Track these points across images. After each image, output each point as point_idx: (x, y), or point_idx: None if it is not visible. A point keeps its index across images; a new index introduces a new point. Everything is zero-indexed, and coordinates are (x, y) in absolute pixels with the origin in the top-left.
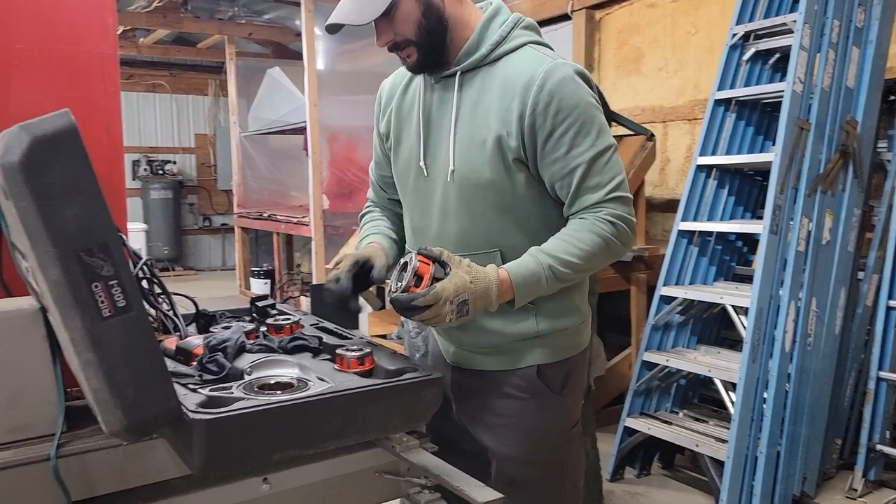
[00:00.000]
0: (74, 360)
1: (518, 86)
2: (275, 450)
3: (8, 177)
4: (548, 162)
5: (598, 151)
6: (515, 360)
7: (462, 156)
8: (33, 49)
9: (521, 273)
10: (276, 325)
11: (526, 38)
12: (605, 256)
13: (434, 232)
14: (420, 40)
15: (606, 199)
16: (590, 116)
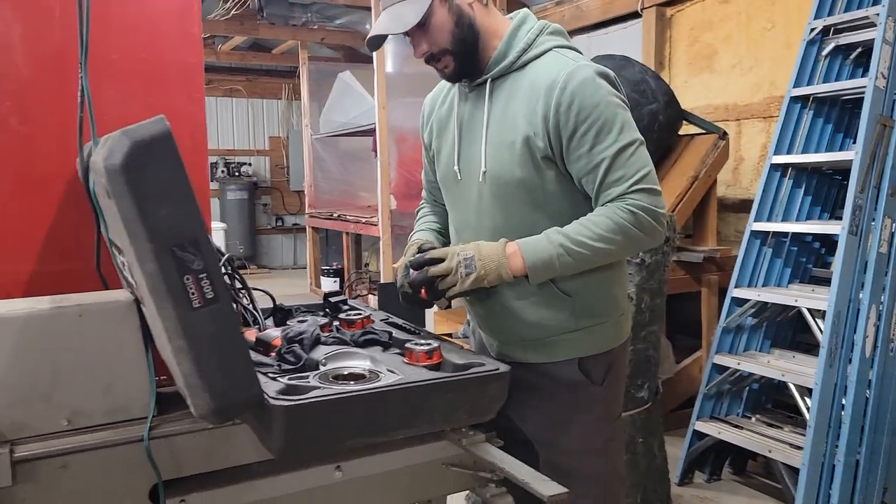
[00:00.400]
0: (167, 348)
1: (542, 88)
2: (348, 436)
3: (111, 178)
4: (573, 159)
5: (621, 146)
6: (556, 352)
7: (493, 157)
8: (126, 59)
9: (532, 246)
10: (348, 320)
11: (551, 44)
12: (624, 242)
13: (472, 230)
14: (455, 49)
15: (630, 191)
16: (611, 114)
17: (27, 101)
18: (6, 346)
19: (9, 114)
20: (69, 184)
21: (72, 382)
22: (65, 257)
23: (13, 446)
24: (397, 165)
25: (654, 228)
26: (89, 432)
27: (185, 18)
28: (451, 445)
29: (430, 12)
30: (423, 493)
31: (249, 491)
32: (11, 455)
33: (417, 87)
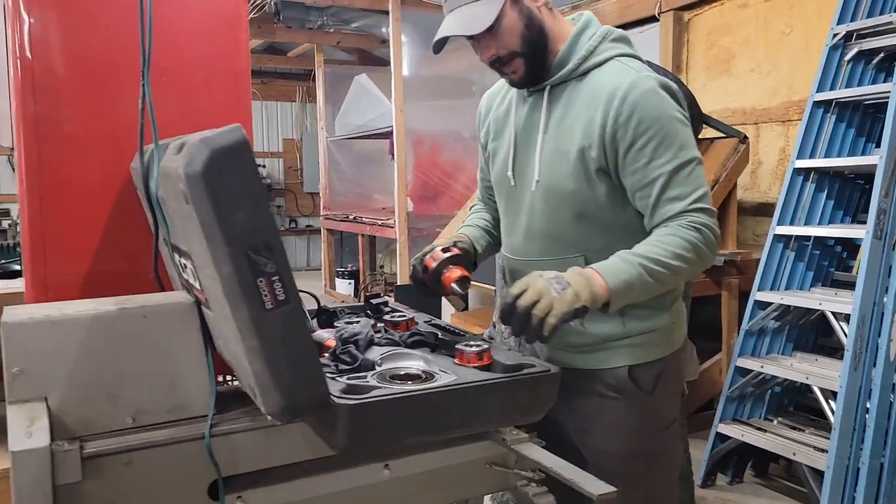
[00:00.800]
0: (239, 347)
1: (602, 98)
2: (407, 434)
3: (191, 184)
4: (628, 172)
5: (679, 163)
6: (606, 359)
7: (547, 166)
8: (177, 66)
9: (611, 269)
10: (393, 322)
11: (614, 52)
12: (695, 262)
13: (521, 237)
14: (525, 51)
15: (689, 210)
16: (672, 129)
17: (82, 107)
18: (75, 346)
19: (65, 120)
20: (122, 188)
21: (136, 381)
22: (117, 259)
23: (82, 443)
24: (414, 168)
25: (715, 248)
26: (153, 430)
27: (234, 26)
28: (494, 445)
29: (500, 15)
30: (465, 492)
31: (301, 488)
32: (81, 451)
33: (434, 91)
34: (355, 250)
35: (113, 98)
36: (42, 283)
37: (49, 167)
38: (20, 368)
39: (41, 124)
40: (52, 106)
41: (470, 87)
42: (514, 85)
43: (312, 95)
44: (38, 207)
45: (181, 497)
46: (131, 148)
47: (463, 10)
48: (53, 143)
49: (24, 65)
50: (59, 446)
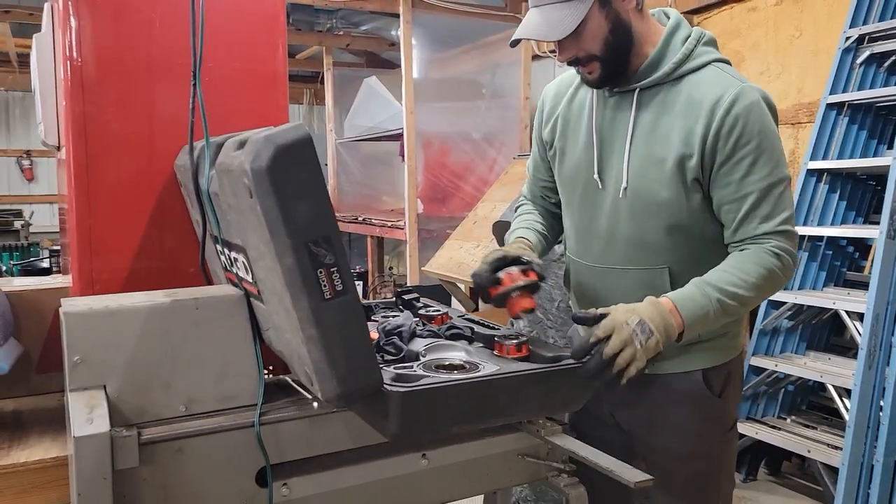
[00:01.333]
0: (297, 336)
1: (704, 106)
2: (455, 421)
3: (256, 179)
4: (720, 184)
5: (773, 181)
6: (679, 364)
7: (637, 173)
8: (221, 68)
9: (689, 302)
10: (428, 316)
11: (710, 57)
12: (769, 289)
13: (602, 243)
14: (605, 56)
15: (775, 232)
16: (771, 145)
17: (125, 107)
18: (132, 336)
19: (111, 119)
20: (163, 186)
21: (188, 370)
22: (157, 256)
23: (139, 429)
24: (424, 169)
25: (792, 273)
26: (203, 418)
27: (273, 30)
28: (526, 436)
29: (586, 18)
30: (499, 482)
31: (344, 476)
32: (139, 437)
33: (443, 93)
34: (364, 252)
35: (153, 98)
36: (88, 278)
37: (95, 165)
38: (81, 357)
39: (88, 123)
40: (97, 105)
41: (480, 89)
42: (588, 84)
43: (320, 98)
44: (84, 204)
45: (230, 483)
46: (169, 147)
47: (547, 9)
48: (99, 142)
49: (72, 66)
50: (118, 432)
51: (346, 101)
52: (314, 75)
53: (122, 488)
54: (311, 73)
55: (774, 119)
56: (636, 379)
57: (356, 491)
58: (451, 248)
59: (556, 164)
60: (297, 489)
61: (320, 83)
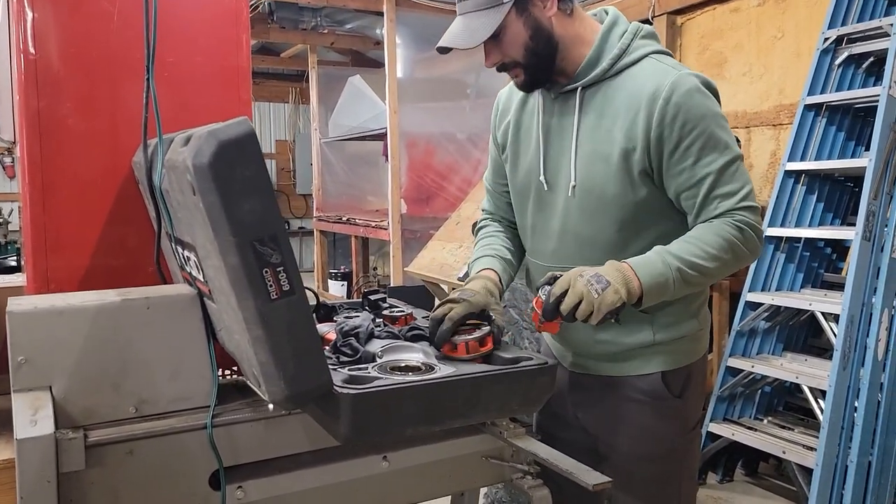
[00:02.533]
0: (244, 337)
1: (644, 98)
2: (409, 424)
3: (199, 175)
4: (674, 173)
5: (726, 161)
6: (638, 367)
7: (584, 171)
8: (182, 62)
9: (647, 267)
10: (392, 317)
11: (647, 49)
12: (732, 262)
13: (555, 242)
14: (527, 62)
15: (737, 208)
16: (718, 127)
17: (83, 102)
18: (80, 336)
19: (66, 115)
20: (121, 183)
21: (139, 371)
22: (116, 254)
23: (86, 431)
24: (408, 170)
25: (757, 247)
26: (155, 419)
27: (237, 24)
28: (491, 438)
29: (504, 25)
30: (462, 485)
31: (301, 479)
32: (85, 440)
33: (428, 93)
34: (348, 252)
35: (113, 94)
36: (43, 277)
37: (51, 162)
38: (25, 357)
39: (43, 119)
40: (53, 101)
41: (465, 90)
42: (519, 88)
43: (305, 97)
44: (39, 201)
45: (182, 486)
46: (130, 143)
47: (467, 18)
48: (55, 138)
49: (26, 59)
50: (63, 434)
51: (331, 100)
52: (300, 74)
53: (70, 492)
54: (296, 71)
55: (718, 101)
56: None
57: (314, 494)
58: (434, 248)
59: (508, 168)
60: (253, 492)
61: (305, 82)
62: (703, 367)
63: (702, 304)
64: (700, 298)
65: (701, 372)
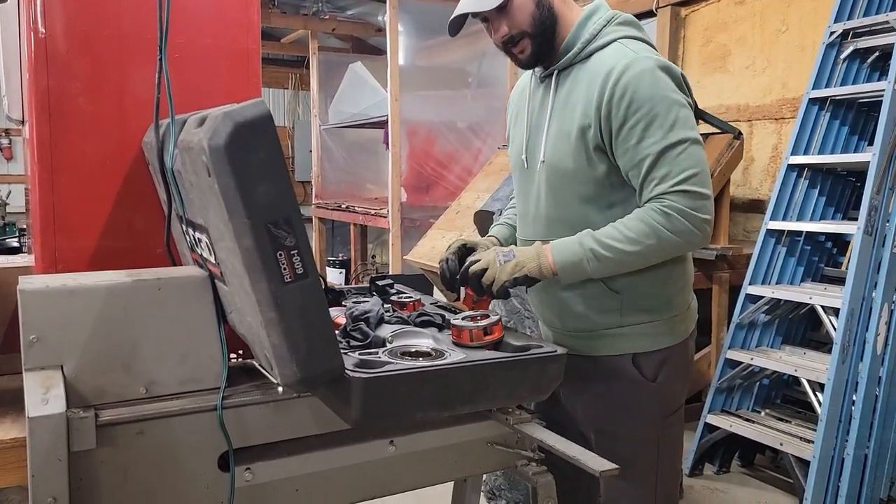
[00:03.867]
0: (257, 320)
1: (600, 78)
2: (418, 409)
3: (214, 157)
4: (620, 152)
5: (669, 143)
6: (608, 347)
7: (551, 147)
8: (191, 43)
9: (563, 247)
10: (400, 302)
11: (618, 34)
12: (658, 247)
13: (531, 217)
14: (534, 31)
15: (669, 191)
16: (664, 109)
17: (92, 82)
18: (91, 316)
19: (77, 94)
20: (130, 164)
21: (150, 352)
22: (125, 235)
23: (97, 411)
24: (408, 158)
25: (690, 232)
26: (165, 400)
27: (246, 6)
28: (496, 425)
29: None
30: (467, 470)
31: (309, 462)
32: (96, 419)
33: (429, 81)
34: (347, 240)
35: (122, 74)
36: (52, 257)
37: (60, 141)
38: (37, 336)
39: (52, 98)
40: (63, 80)
41: (466, 78)
42: (520, 65)
43: (305, 83)
44: (48, 181)
45: (192, 467)
46: (139, 124)
47: None
48: (64, 118)
49: (36, 38)
50: (74, 413)
51: (331, 86)
52: (300, 60)
53: (80, 471)
54: (296, 57)
55: (678, 86)
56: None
57: (321, 477)
58: (433, 237)
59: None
60: (261, 474)
61: (306, 68)
62: (682, 353)
63: (680, 290)
64: (677, 282)
65: (681, 358)
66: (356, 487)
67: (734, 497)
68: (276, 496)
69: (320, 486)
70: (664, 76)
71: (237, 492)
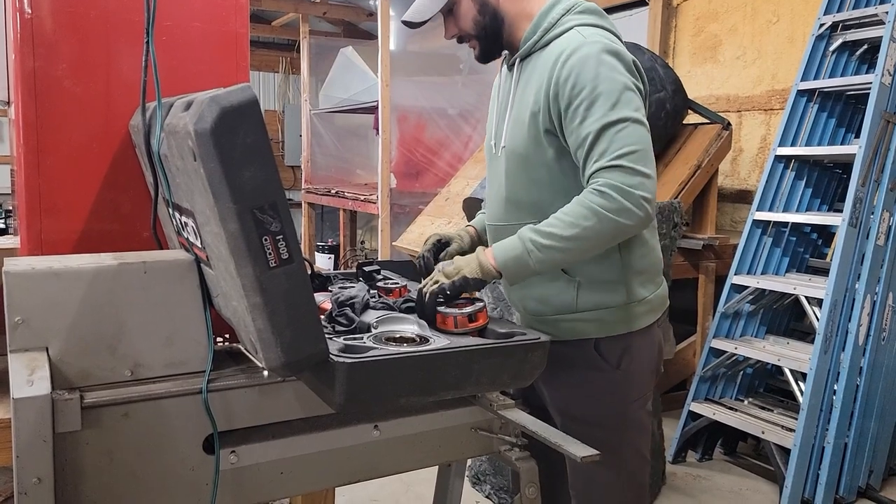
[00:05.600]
0: (242, 304)
1: (549, 63)
2: (402, 394)
3: (200, 141)
4: (568, 133)
5: (609, 121)
6: (568, 331)
7: (510, 133)
8: (178, 26)
9: (503, 245)
10: (386, 288)
11: (574, 22)
12: (598, 227)
13: (494, 201)
14: (477, 34)
15: (605, 168)
16: (607, 89)
17: (79, 64)
18: (76, 299)
19: (63, 76)
20: (117, 147)
21: (135, 335)
22: (111, 219)
23: (82, 393)
24: (398, 144)
25: (628, 211)
26: (150, 383)
27: None
28: (480, 410)
29: (455, 1)
30: (451, 455)
31: (293, 446)
32: (81, 401)
33: (420, 66)
34: (336, 225)
35: (109, 56)
36: (37, 239)
37: (46, 123)
38: (22, 318)
39: (39, 79)
40: (49, 61)
41: (457, 65)
42: (476, 60)
43: (296, 67)
44: (34, 163)
45: (177, 449)
46: (126, 107)
47: None
48: (50, 99)
49: (22, 19)
50: (59, 395)
51: (322, 71)
52: (290, 43)
53: (65, 452)
54: (287, 41)
55: (629, 71)
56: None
57: (306, 460)
58: (422, 223)
59: None
60: (246, 457)
61: (296, 52)
62: (646, 341)
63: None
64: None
65: (645, 346)
66: (340, 471)
67: (716, 484)
68: (261, 479)
69: (305, 470)
70: (611, 59)
71: (222, 474)
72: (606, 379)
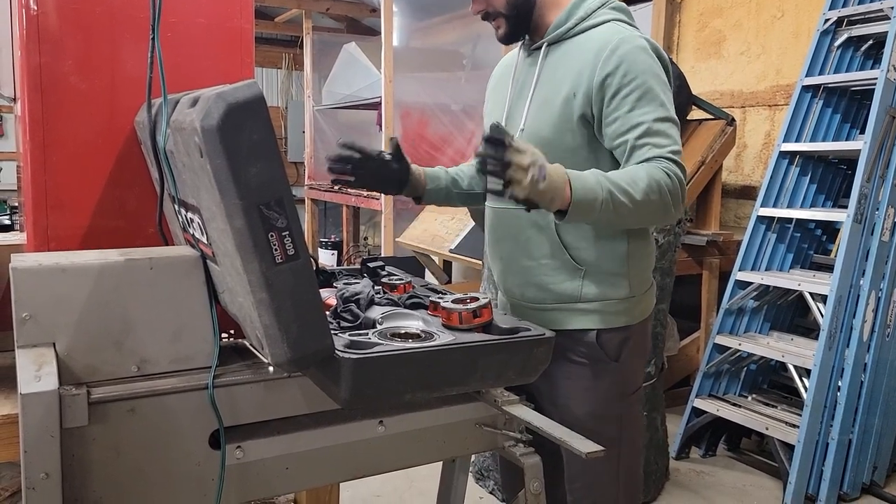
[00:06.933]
0: (248, 300)
1: (593, 52)
2: (407, 390)
3: (206, 138)
4: (610, 119)
5: (660, 117)
6: (569, 321)
7: (533, 116)
8: (183, 22)
9: (583, 182)
10: (391, 284)
11: (611, 17)
12: (657, 207)
13: None
14: (508, 13)
15: (666, 157)
16: (656, 86)
17: (84, 60)
18: (83, 294)
19: (69, 72)
20: (123, 143)
21: (141, 331)
22: (116, 215)
23: (89, 388)
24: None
25: (677, 203)
26: (157, 379)
27: None
28: (485, 406)
29: None
30: (455, 451)
31: (299, 441)
32: (88, 396)
33: (423, 62)
34: (339, 221)
35: (114, 52)
36: (44, 235)
37: (51, 119)
38: (29, 314)
39: (44, 76)
40: (55, 57)
41: (460, 61)
42: (499, 39)
43: (299, 63)
44: (40, 159)
45: (183, 445)
46: (132, 103)
47: None
48: (56, 95)
49: (28, 15)
50: (66, 390)
51: (325, 67)
52: (293, 40)
53: (72, 448)
54: (290, 37)
55: (666, 71)
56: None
57: (311, 455)
58: (425, 220)
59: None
60: (251, 452)
61: (299, 48)
62: (642, 333)
63: (641, 270)
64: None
65: (641, 338)
66: (346, 466)
67: (720, 480)
68: (267, 474)
69: (310, 465)
70: (655, 56)
71: (228, 469)
72: (605, 372)
